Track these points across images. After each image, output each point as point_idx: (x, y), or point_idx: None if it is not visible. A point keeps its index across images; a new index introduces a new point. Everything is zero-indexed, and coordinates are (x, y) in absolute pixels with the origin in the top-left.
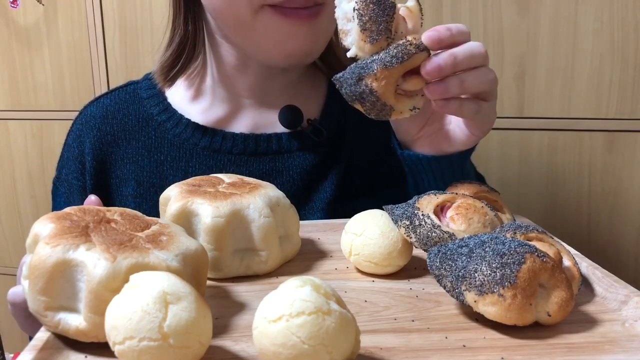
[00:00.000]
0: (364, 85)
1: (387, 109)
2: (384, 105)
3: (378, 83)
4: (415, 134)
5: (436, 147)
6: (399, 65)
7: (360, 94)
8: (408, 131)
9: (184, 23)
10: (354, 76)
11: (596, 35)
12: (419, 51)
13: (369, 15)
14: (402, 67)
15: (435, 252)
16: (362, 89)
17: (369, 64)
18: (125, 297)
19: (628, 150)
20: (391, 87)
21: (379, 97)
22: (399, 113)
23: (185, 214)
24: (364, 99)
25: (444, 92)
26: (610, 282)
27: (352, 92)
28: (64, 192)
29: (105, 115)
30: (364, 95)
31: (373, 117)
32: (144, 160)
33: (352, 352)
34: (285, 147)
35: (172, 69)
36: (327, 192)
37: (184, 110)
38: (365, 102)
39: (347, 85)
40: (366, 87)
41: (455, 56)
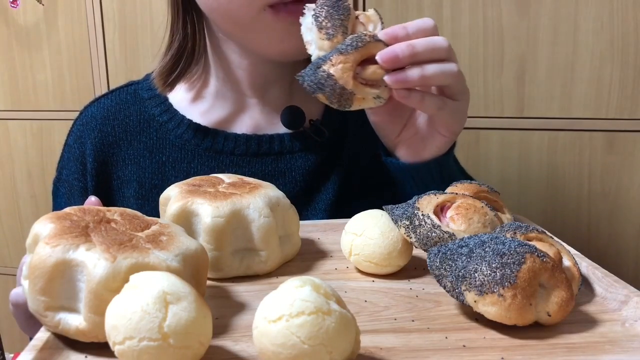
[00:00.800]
0: (322, 71)
1: (347, 93)
2: (343, 89)
3: (334, 67)
4: (395, 139)
5: (414, 151)
6: (353, 50)
7: (319, 81)
8: (388, 136)
9: (182, 27)
10: (313, 67)
11: (596, 35)
12: (375, 41)
13: (324, 14)
14: (357, 53)
15: (435, 252)
16: (320, 75)
17: (326, 55)
18: (125, 297)
19: (628, 150)
20: (348, 71)
21: (337, 80)
22: (361, 99)
23: (185, 214)
24: (324, 85)
25: (403, 80)
26: (610, 282)
27: (312, 82)
28: (65, 193)
29: (106, 116)
30: (322, 81)
31: (336, 106)
32: (145, 161)
33: (352, 352)
34: (287, 147)
35: (171, 74)
36: (330, 192)
37: (185, 111)
38: (325, 88)
39: (308, 77)
40: (323, 72)
41: (413, 46)
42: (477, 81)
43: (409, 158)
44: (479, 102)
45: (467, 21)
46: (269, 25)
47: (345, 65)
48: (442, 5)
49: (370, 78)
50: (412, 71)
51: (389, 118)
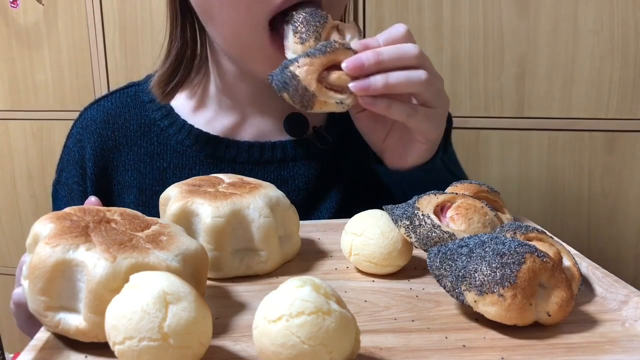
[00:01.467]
0: (288, 71)
1: (309, 95)
2: (305, 90)
3: (300, 69)
4: (380, 145)
5: (397, 158)
6: (320, 55)
7: (284, 81)
8: (374, 142)
9: (181, 34)
10: (281, 67)
11: (596, 35)
12: (344, 48)
13: (300, 20)
14: (325, 57)
15: (435, 252)
16: (286, 75)
17: (296, 57)
18: (125, 297)
19: (628, 150)
20: (313, 74)
21: (300, 81)
22: (322, 103)
23: (185, 214)
24: (288, 85)
25: (365, 88)
26: (610, 282)
27: (278, 81)
28: (64, 196)
29: (106, 120)
30: (287, 81)
31: (298, 107)
32: (145, 167)
33: (352, 352)
34: (290, 155)
35: (169, 83)
36: (333, 200)
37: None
38: (289, 88)
39: (276, 76)
40: (289, 72)
41: (379, 54)
42: (477, 81)
43: (394, 164)
44: (479, 102)
45: (467, 21)
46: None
47: (310, 68)
48: (442, 5)
49: (334, 83)
50: (376, 78)
51: (373, 125)
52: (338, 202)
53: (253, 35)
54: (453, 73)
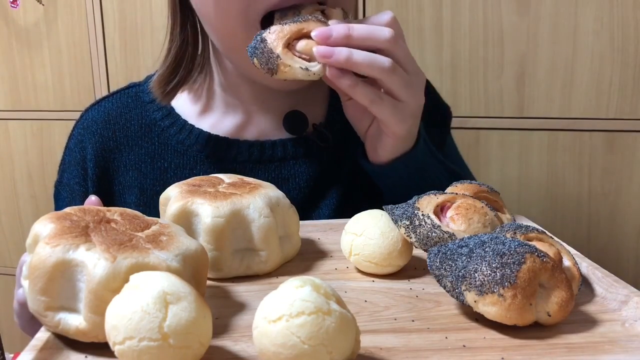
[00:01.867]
0: (259, 37)
1: (274, 57)
2: (271, 52)
3: (270, 34)
4: (363, 134)
5: (372, 150)
6: (291, 23)
7: (255, 46)
8: (358, 131)
9: (181, 34)
10: (257, 36)
11: (596, 35)
12: (317, 20)
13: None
14: (295, 25)
15: (435, 252)
16: (257, 40)
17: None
18: (125, 297)
19: (628, 150)
20: (280, 39)
21: (267, 44)
22: (287, 66)
23: (185, 214)
24: (257, 49)
25: (328, 55)
26: (610, 282)
27: (251, 47)
28: (66, 197)
29: (107, 120)
30: (256, 45)
31: (265, 71)
32: (146, 167)
33: (352, 352)
34: (291, 153)
35: (170, 83)
36: (334, 198)
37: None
38: (257, 51)
39: (252, 43)
40: (259, 37)
41: (349, 28)
42: (477, 81)
43: (372, 158)
44: (479, 102)
45: (467, 21)
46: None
47: (279, 34)
48: (442, 5)
49: (302, 50)
50: (340, 49)
51: (358, 114)
52: (339, 200)
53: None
54: (453, 73)
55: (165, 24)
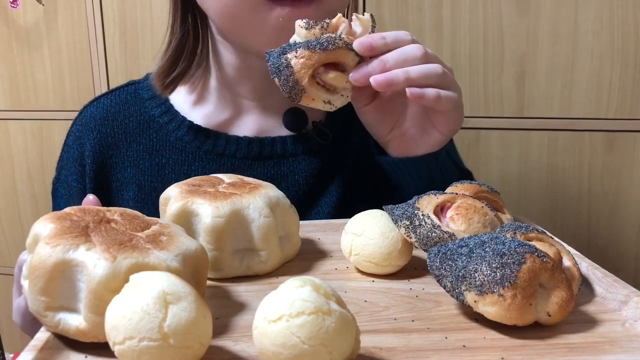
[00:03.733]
0: (284, 59)
1: (298, 89)
2: (296, 83)
3: (296, 60)
4: (385, 137)
5: (405, 149)
6: (321, 51)
7: (278, 67)
8: (378, 134)
9: (180, 27)
10: (280, 50)
11: (596, 35)
12: (347, 48)
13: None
14: (324, 54)
15: (435, 252)
16: (281, 62)
17: (297, 44)
18: (125, 297)
19: (628, 150)
20: (307, 68)
21: (293, 73)
22: (309, 99)
23: (185, 214)
24: (280, 72)
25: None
26: (610, 282)
27: (273, 65)
28: (64, 194)
29: (106, 117)
30: (280, 69)
31: (286, 96)
32: (144, 163)
33: (352, 352)
34: (290, 150)
35: (169, 75)
36: (333, 195)
37: (187, 113)
38: (281, 75)
39: (272, 58)
40: (285, 60)
41: (385, 62)
42: (477, 81)
43: (400, 153)
44: (479, 102)
45: (467, 21)
46: (264, 20)
47: (306, 62)
48: (442, 5)
49: (328, 82)
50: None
51: (380, 117)
52: (338, 197)
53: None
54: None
55: (165, 22)
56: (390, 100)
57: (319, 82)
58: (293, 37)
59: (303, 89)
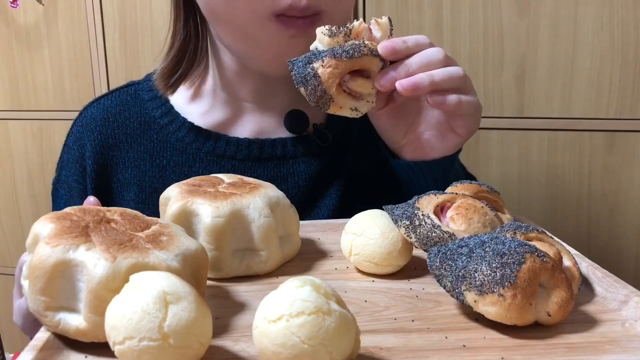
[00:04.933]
0: (310, 68)
1: (326, 98)
2: (324, 92)
3: (323, 69)
4: (399, 141)
5: (421, 152)
6: (347, 59)
7: (305, 77)
8: (392, 138)
9: (184, 28)
10: (305, 60)
11: (596, 35)
12: (372, 55)
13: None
14: (351, 62)
15: (435, 252)
16: (308, 72)
17: (322, 52)
18: (125, 297)
19: (628, 150)
20: (335, 77)
21: (321, 82)
22: (337, 107)
23: (185, 214)
24: (307, 82)
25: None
26: (610, 282)
27: (299, 74)
28: (64, 194)
29: (106, 118)
30: (307, 78)
31: (312, 105)
32: (145, 164)
33: (352, 352)
34: (290, 152)
35: (173, 76)
36: (333, 198)
37: (184, 111)
38: (308, 85)
39: (297, 68)
40: (312, 70)
41: (409, 66)
42: (477, 81)
43: (415, 158)
44: None
45: (467, 21)
46: (272, 37)
47: (334, 71)
48: (442, 5)
49: (355, 90)
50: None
51: (394, 121)
52: (338, 200)
53: (259, 28)
54: None
55: (165, 22)
56: (404, 105)
57: (345, 90)
58: (314, 43)
59: (331, 98)
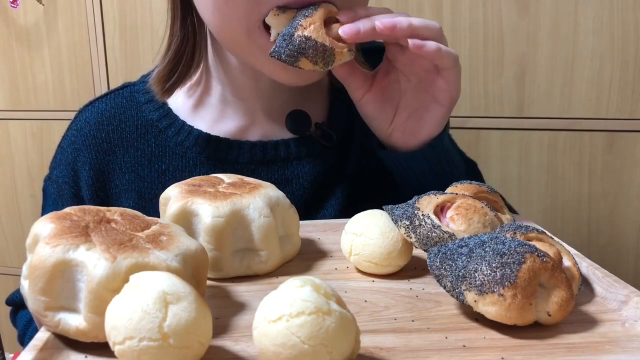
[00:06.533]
0: (297, 37)
1: (329, 49)
2: (324, 46)
3: (308, 29)
4: (387, 128)
5: (410, 134)
6: (315, 11)
7: (299, 47)
8: (380, 126)
9: (180, 29)
10: (286, 38)
11: (596, 35)
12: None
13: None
14: (319, 12)
15: (435, 252)
16: (299, 41)
17: (292, 23)
18: (125, 297)
19: (628, 150)
20: (321, 29)
21: (316, 39)
22: (340, 55)
23: (185, 214)
24: (305, 49)
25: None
26: (610, 282)
27: (291, 51)
28: (53, 193)
29: (100, 122)
30: (302, 46)
31: (322, 67)
32: (144, 170)
33: (352, 352)
34: (294, 154)
35: (169, 80)
36: (339, 197)
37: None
38: (307, 51)
39: (284, 49)
40: (300, 37)
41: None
42: (477, 81)
43: (405, 143)
44: (479, 102)
45: (467, 21)
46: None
47: (316, 25)
48: (442, 5)
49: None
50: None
51: (380, 106)
52: (344, 200)
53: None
54: None
55: (165, 21)
56: (387, 87)
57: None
58: (273, 31)
59: (332, 47)
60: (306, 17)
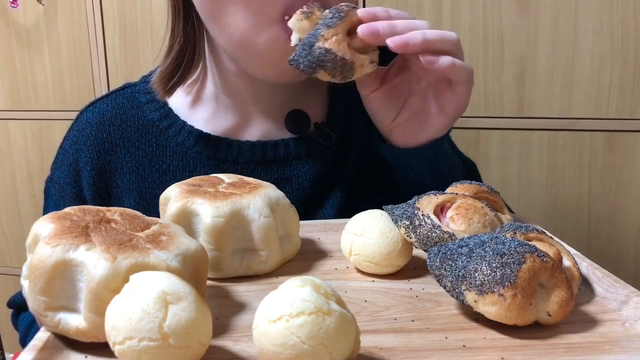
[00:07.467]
0: (317, 48)
1: (349, 63)
2: (344, 60)
3: (329, 41)
4: (390, 123)
5: (409, 134)
6: (339, 21)
7: (318, 58)
8: (383, 121)
9: (183, 30)
10: (305, 47)
11: (596, 35)
12: (352, 8)
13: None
14: (343, 23)
15: (435, 252)
16: (318, 53)
17: (314, 32)
18: (125, 297)
19: (628, 150)
20: (343, 42)
21: (336, 52)
22: (360, 67)
23: (185, 214)
24: (324, 62)
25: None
26: (610, 282)
27: (310, 62)
28: (54, 194)
29: (102, 122)
30: (322, 58)
31: (340, 80)
32: (144, 169)
33: (352, 352)
34: (293, 153)
35: (172, 79)
36: (338, 197)
37: (185, 117)
38: (326, 64)
39: (303, 58)
40: (320, 49)
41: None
42: (477, 81)
43: (404, 142)
44: (479, 102)
45: (467, 21)
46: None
47: (338, 37)
48: (442, 5)
49: (361, 46)
50: (413, 35)
51: (385, 103)
52: (343, 199)
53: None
54: None
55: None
56: (396, 86)
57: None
58: (295, 35)
59: (352, 61)
60: (329, 28)
